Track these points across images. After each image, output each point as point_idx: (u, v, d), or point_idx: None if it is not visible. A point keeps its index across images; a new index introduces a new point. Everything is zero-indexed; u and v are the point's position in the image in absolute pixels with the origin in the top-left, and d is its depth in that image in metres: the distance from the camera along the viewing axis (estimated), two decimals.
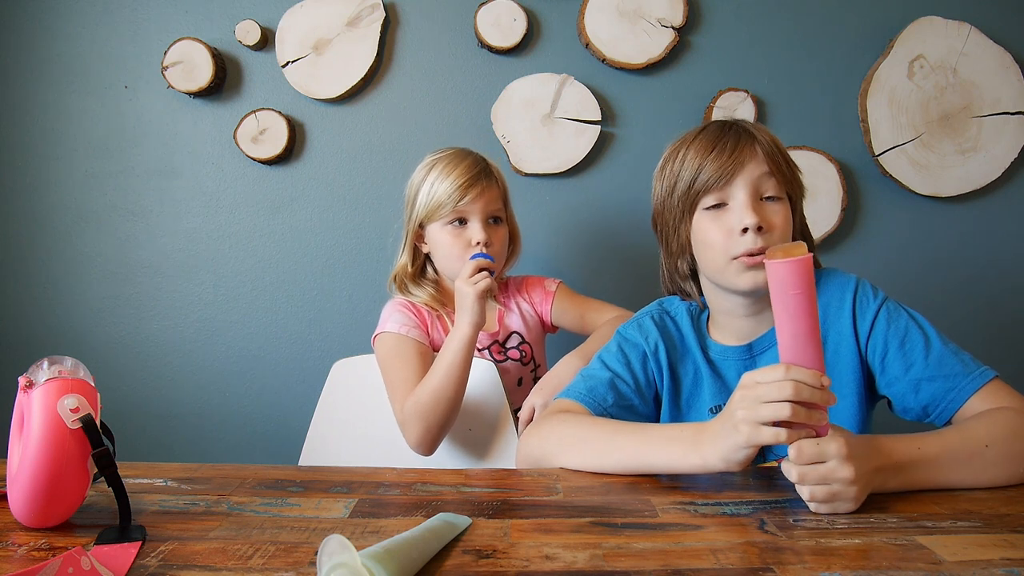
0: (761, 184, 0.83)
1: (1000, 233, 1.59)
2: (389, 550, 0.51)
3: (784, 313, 0.63)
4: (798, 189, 0.88)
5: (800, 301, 0.62)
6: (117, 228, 1.60)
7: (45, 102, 1.58)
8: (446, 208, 1.13)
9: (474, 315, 1.04)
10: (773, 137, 0.86)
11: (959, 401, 0.76)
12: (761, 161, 0.83)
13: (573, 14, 1.54)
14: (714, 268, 0.86)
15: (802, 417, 0.61)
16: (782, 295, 0.63)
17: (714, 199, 0.84)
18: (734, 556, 0.54)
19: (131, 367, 1.61)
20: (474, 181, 1.13)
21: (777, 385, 0.62)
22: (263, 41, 1.53)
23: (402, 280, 1.22)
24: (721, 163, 0.82)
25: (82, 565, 0.52)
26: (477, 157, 1.18)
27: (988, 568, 0.52)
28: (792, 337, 0.63)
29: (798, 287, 0.62)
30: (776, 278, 0.63)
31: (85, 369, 0.64)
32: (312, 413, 1.18)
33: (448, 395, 1.03)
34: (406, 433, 1.06)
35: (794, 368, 0.62)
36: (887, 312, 0.83)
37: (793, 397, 0.61)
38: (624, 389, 0.90)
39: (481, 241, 1.12)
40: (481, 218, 1.14)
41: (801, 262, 0.62)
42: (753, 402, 0.63)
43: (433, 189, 1.14)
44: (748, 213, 0.81)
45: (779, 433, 0.62)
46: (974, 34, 1.51)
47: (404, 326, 1.13)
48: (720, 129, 0.86)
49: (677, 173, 0.87)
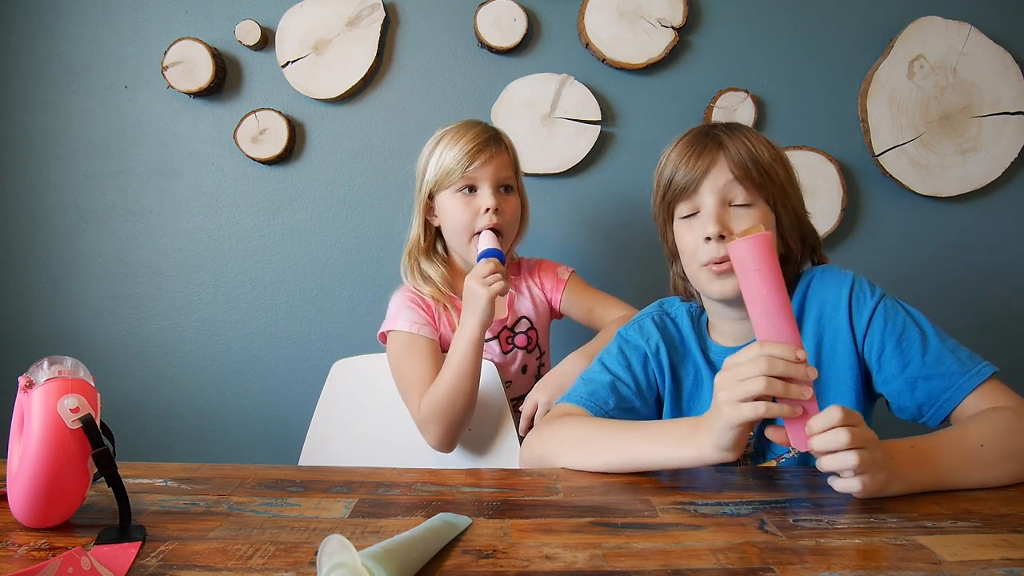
0: (729, 192, 0.83)
1: (1000, 233, 1.59)
2: (389, 550, 0.51)
3: (750, 292, 0.65)
4: (778, 190, 0.85)
5: (764, 277, 0.64)
6: (117, 228, 1.60)
7: (45, 102, 1.58)
8: (455, 174, 1.10)
9: (485, 315, 1.02)
10: (751, 139, 0.84)
11: (954, 400, 0.76)
12: (725, 169, 0.83)
13: (573, 14, 1.54)
14: (690, 274, 0.88)
15: (779, 390, 0.62)
16: (745, 274, 0.65)
17: (688, 208, 0.85)
18: (734, 556, 0.54)
19: (131, 367, 1.61)
20: (483, 146, 1.11)
21: (752, 362, 0.63)
22: (263, 41, 1.53)
23: (415, 256, 1.19)
24: (687, 171, 0.84)
25: (82, 565, 0.52)
26: (487, 126, 1.17)
27: (988, 568, 0.52)
28: (762, 315, 0.65)
29: (758, 262, 0.64)
30: (737, 258, 0.65)
31: (85, 369, 0.64)
32: (312, 413, 1.18)
33: (463, 394, 1.03)
34: (426, 434, 1.06)
35: (768, 344, 0.63)
36: (884, 309, 0.82)
37: (767, 371, 0.62)
38: (625, 392, 0.90)
39: (491, 207, 1.10)
40: (491, 184, 1.11)
41: (756, 239, 0.64)
42: (731, 381, 0.64)
43: (442, 157, 1.12)
44: (710, 222, 0.82)
45: (757, 407, 0.62)
46: (974, 34, 1.51)
47: (415, 324, 1.12)
48: (695, 136, 0.87)
49: (658, 179, 0.90)
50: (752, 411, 0.62)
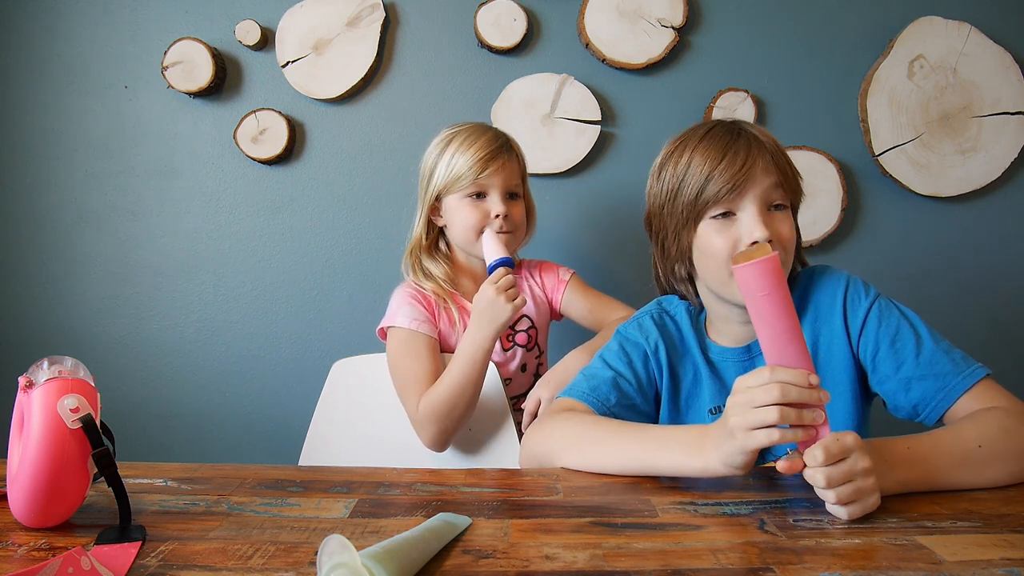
0: (770, 194, 0.81)
1: (1000, 233, 1.59)
2: (389, 550, 0.51)
3: (759, 318, 0.63)
4: (799, 195, 0.87)
5: (772, 302, 0.62)
6: (117, 228, 1.60)
7: (45, 102, 1.58)
8: (465, 180, 1.12)
9: (502, 326, 1.03)
10: (775, 141, 0.85)
11: (949, 400, 0.76)
12: (771, 171, 0.81)
13: (573, 14, 1.54)
14: (717, 279, 0.84)
15: (793, 418, 0.61)
16: (753, 299, 0.63)
17: (722, 208, 0.81)
18: (734, 556, 0.54)
19: (131, 367, 1.61)
20: (495, 154, 1.13)
21: (765, 389, 0.62)
22: (263, 41, 1.53)
23: (417, 254, 1.21)
24: (732, 174, 0.79)
25: (82, 565, 0.52)
26: (497, 131, 1.18)
27: (988, 568, 0.52)
28: (772, 339, 0.63)
29: (766, 288, 0.62)
30: (744, 282, 0.63)
31: (85, 369, 0.64)
32: (312, 413, 1.18)
33: (465, 399, 1.03)
34: (421, 433, 1.07)
35: (779, 369, 0.62)
36: (878, 310, 0.82)
37: (780, 399, 0.61)
38: (627, 388, 0.90)
39: (500, 214, 1.12)
40: (500, 192, 1.14)
41: (764, 263, 0.61)
42: (744, 407, 0.63)
43: (453, 161, 1.13)
44: (759, 227, 0.79)
45: (771, 433, 0.61)
46: (974, 34, 1.51)
47: (415, 320, 1.12)
48: (728, 135, 0.83)
49: (681, 178, 0.84)
50: (767, 438, 0.62)
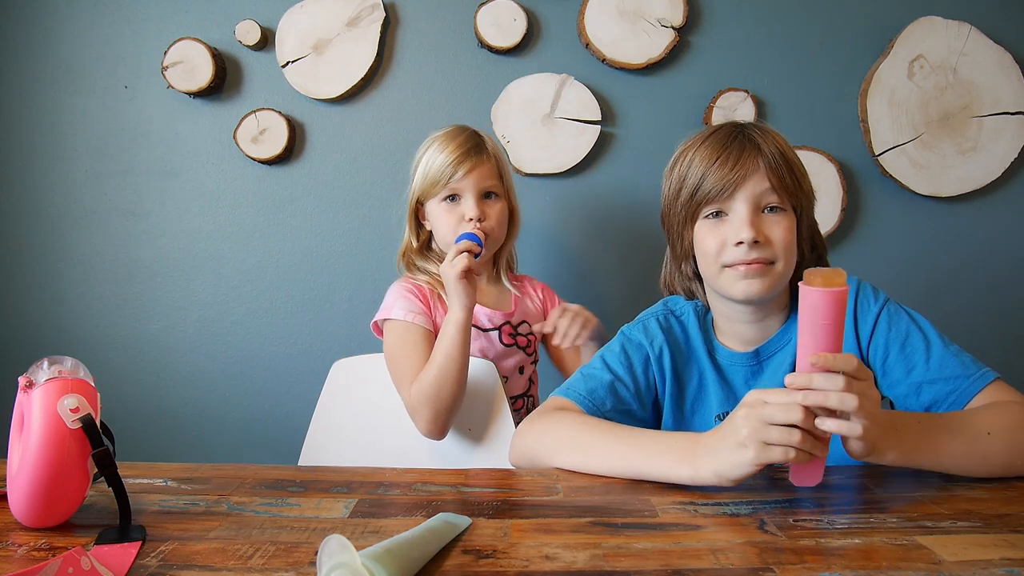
0: (763, 197, 0.82)
1: (1000, 233, 1.59)
2: (389, 550, 0.51)
3: (810, 338, 0.62)
4: (804, 198, 0.86)
5: (829, 331, 0.61)
6: (117, 228, 1.60)
7: (45, 102, 1.58)
8: (439, 185, 1.14)
9: (463, 297, 1.04)
10: (781, 144, 0.84)
11: (960, 404, 0.76)
12: (763, 176, 0.81)
13: (573, 14, 1.54)
14: (710, 275, 0.86)
15: (808, 445, 0.61)
16: (811, 321, 0.62)
17: (714, 208, 0.83)
18: (734, 556, 0.54)
19: (131, 367, 1.61)
20: (464, 157, 1.14)
21: (786, 408, 0.61)
22: (263, 41, 1.53)
23: (409, 257, 1.24)
24: (723, 175, 0.81)
25: (82, 565, 0.52)
26: (471, 133, 1.18)
27: (988, 568, 0.52)
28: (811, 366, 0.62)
29: (829, 317, 0.61)
30: (808, 303, 0.62)
31: (85, 369, 0.64)
32: (312, 413, 1.18)
33: (451, 379, 1.04)
34: (416, 420, 1.07)
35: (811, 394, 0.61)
36: (888, 315, 0.83)
37: (801, 422, 0.61)
38: (624, 393, 0.90)
39: (473, 217, 1.13)
40: (474, 194, 1.14)
41: (836, 294, 0.60)
42: (759, 421, 0.62)
43: (428, 166, 1.16)
44: (745, 228, 0.80)
45: (788, 452, 0.61)
46: (974, 34, 1.51)
47: (410, 312, 1.13)
48: (727, 136, 0.84)
49: (683, 177, 0.86)
50: (782, 455, 0.61)
